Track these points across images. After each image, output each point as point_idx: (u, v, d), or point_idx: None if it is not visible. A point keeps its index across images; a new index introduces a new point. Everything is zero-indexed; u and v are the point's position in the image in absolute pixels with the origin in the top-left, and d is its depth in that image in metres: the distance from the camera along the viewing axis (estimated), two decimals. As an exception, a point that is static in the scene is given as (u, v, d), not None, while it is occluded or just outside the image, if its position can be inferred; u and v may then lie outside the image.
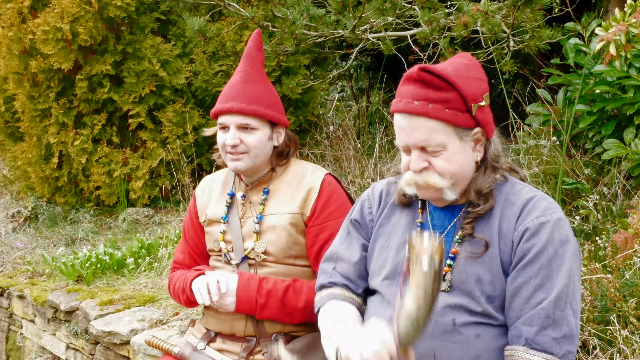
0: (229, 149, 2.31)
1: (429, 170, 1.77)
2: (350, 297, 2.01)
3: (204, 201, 2.50)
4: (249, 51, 2.40)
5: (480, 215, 1.81)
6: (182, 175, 5.35)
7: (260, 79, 2.37)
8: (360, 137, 5.75)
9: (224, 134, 2.33)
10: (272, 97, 2.36)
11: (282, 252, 2.33)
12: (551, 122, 4.01)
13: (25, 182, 6.47)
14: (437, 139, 1.73)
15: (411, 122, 1.74)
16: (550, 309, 1.68)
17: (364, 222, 2.04)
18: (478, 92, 1.77)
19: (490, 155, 1.83)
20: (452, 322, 1.77)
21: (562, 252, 1.73)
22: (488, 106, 1.82)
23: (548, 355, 1.67)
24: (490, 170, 1.83)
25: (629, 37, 3.14)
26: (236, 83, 2.33)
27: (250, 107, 2.28)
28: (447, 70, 1.75)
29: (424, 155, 1.77)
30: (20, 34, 5.48)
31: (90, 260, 4.40)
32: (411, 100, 1.74)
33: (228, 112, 2.29)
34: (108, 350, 3.66)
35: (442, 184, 1.77)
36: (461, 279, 1.79)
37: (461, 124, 1.75)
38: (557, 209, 1.79)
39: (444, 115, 1.72)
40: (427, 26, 4.09)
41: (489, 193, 1.81)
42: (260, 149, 2.32)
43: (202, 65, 5.54)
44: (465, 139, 1.77)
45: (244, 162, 2.32)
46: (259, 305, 2.25)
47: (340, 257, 2.04)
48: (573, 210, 3.57)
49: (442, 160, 1.75)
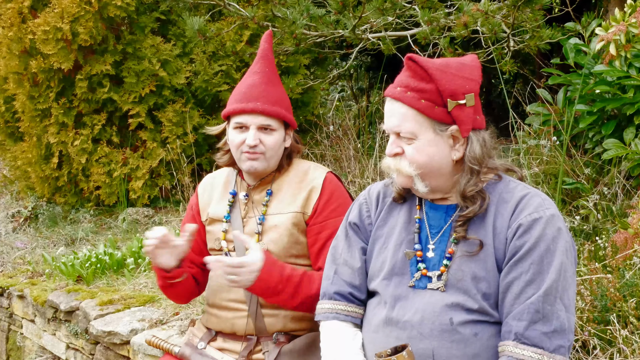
0: (246, 149, 2.30)
1: (401, 157, 1.84)
2: (354, 311, 2.00)
3: (206, 200, 2.50)
4: (264, 52, 2.40)
5: (470, 218, 1.82)
6: (182, 175, 5.35)
7: (277, 81, 2.39)
8: (360, 137, 5.75)
9: (241, 133, 2.31)
10: (288, 101, 2.40)
11: (284, 252, 2.33)
12: (551, 122, 4.01)
13: (25, 182, 6.46)
14: (408, 126, 1.80)
15: (391, 106, 1.83)
16: (539, 304, 1.69)
17: (362, 225, 2.04)
18: (459, 90, 1.78)
19: (467, 156, 1.82)
20: (450, 322, 1.77)
21: (554, 247, 1.74)
22: (471, 107, 1.81)
23: (538, 349, 1.68)
24: (469, 172, 1.82)
25: (629, 37, 3.14)
26: (257, 84, 2.32)
27: (273, 108, 2.29)
28: (432, 62, 1.81)
29: (398, 141, 1.84)
30: (20, 34, 5.48)
31: (90, 260, 4.40)
32: (395, 86, 1.83)
33: (251, 112, 2.28)
34: (108, 350, 3.66)
35: (409, 171, 1.82)
36: (457, 277, 1.80)
37: (435, 118, 1.79)
38: (551, 205, 1.80)
39: (417, 105, 1.78)
40: (427, 26, 4.09)
41: (477, 195, 1.81)
42: (276, 150, 2.34)
43: (202, 65, 5.54)
44: (441, 134, 1.80)
45: (261, 163, 2.32)
46: (276, 291, 2.18)
47: (343, 261, 2.04)
48: (573, 210, 3.57)
49: (412, 149, 1.81)
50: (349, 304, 2.00)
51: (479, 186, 1.82)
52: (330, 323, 2.00)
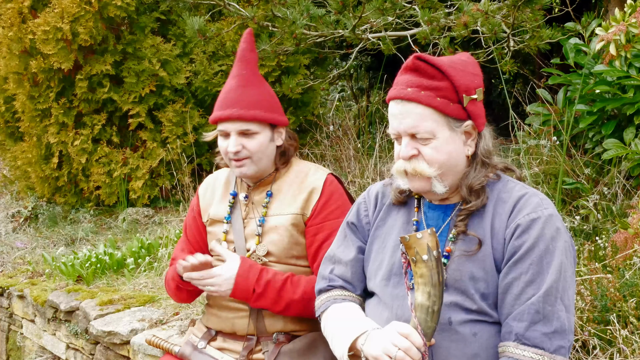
0: (231, 156, 2.30)
1: (418, 158, 1.80)
2: (350, 295, 2.02)
3: (207, 200, 2.50)
4: (242, 53, 2.37)
5: (472, 212, 1.82)
6: (182, 175, 5.35)
7: (256, 81, 2.35)
8: (360, 137, 5.75)
9: (225, 140, 2.31)
10: (270, 99, 2.35)
11: (284, 253, 2.33)
12: (551, 122, 4.01)
13: (25, 182, 6.47)
14: (426, 126, 1.77)
15: (403, 108, 1.79)
16: (539, 304, 1.69)
17: (360, 225, 2.05)
18: (471, 85, 1.79)
19: (481, 150, 1.84)
20: (449, 321, 1.77)
21: (553, 247, 1.73)
22: (481, 102, 1.84)
23: (538, 350, 1.68)
24: (481, 166, 1.84)
25: (629, 37, 3.14)
26: (233, 88, 2.31)
27: (249, 112, 2.27)
28: (442, 60, 1.79)
29: (413, 143, 1.80)
30: (20, 34, 5.48)
31: (90, 260, 4.40)
32: (405, 87, 1.79)
33: (228, 120, 2.27)
34: (108, 350, 3.66)
35: (430, 172, 1.79)
36: (455, 277, 1.80)
37: (452, 114, 1.77)
38: (549, 205, 1.80)
39: (434, 103, 1.75)
40: (427, 26, 4.09)
41: (481, 189, 1.82)
42: (262, 152, 2.32)
43: (202, 65, 5.54)
44: (456, 130, 1.80)
45: (248, 168, 2.32)
46: (255, 295, 2.24)
47: (338, 259, 2.05)
48: (573, 210, 3.57)
49: (431, 149, 1.78)
50: (344, 290, 2.02)
51: (485, 180, 1.83)
52: (330, 309, 2.00)
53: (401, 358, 1.66)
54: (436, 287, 1.69)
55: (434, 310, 1.69)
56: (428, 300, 1.69)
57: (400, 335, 1.68)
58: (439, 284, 1.69)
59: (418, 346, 1.67)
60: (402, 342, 1.67)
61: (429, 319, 1.69)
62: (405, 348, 1.66)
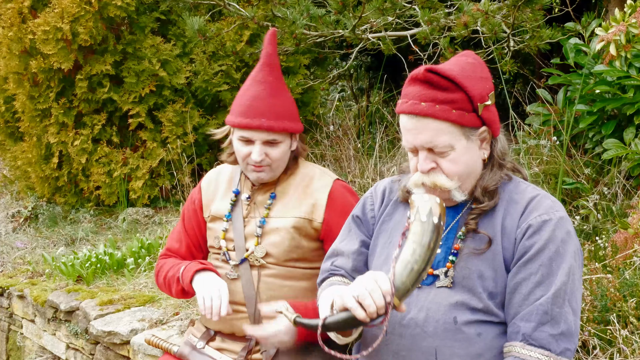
0: (252, 162, 2.28)
1: (436, 171, 1.78)
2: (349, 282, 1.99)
3: (209, 195, 2.48)
4: (268, 57, 2.31)
5: (484, 212, 1.82)
6: (182, 175, 5.35)
7: (283, 89, 2.33)
8: (360, 137, 5.74)
9: (246, 146, 2.29)
10: (293, 107, 2.34)
11: (284, 255, 2.32)
12: (551, 122, 4.01)
13: (25, 182, 6.46)
14: (444, 140, 1.74)
15: (418, 123, 1.75)
16: (548, 305, 1.69)
17: (365, 219, 2.04)
18: (484, 92, 1.78)
19: (496, 153, 1.84)
20: (454, 321, 1.77)
21: (563, 250, 1.73)
22: (494, 104, 1.83)
23: (545, 351, 1.67)
24: (497, 167, 1.84)
25: (629, 37, 3.14)
26: (262, 97, 2.26)
27: (279, 124, 2.25)
28: (454, 70, 1.75)
29: (431, 156, 1.77)
30: (20, 34, 5.48)
31: (90, 260, 4.40)
32: (418, 101, 1.74)
33: (257, 129, 2.24)
34: (108, 350, 3.66)
35: (450, 185, 1.78)
36: (463, 275, 1.79)
37: (468, 124, 1.75)
38: (560, 208, 1.81)
39: (451, 116, 1.73)
40: (427, 26, 4.09)
41: (495, 190, 1.82)
42: (282, 160, 2.33)
43: (202, 65, 5.53)
44: (472, 139, 1.78)
45: (267, 174, 2.32)
46: None
47: (340, 252, 2.05)
48: (573, 210, 3.57)
49: (449, 161, 1.76)
50: (344, 278, 2.00)
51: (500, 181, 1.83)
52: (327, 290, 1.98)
53: (363, 296, 1.64)
54: (424, 248, 1.65)
55: (413, 269, 1.65)
56: (411, 257, 1.66)
57: (370, 278, 1.67)
58: (428, 248, 1.65)
59: (384, 292, 1.64)
60: (370, 283, 1.65)
61: (405, 274, 1.65)
62: (371, 289, 1.64)
